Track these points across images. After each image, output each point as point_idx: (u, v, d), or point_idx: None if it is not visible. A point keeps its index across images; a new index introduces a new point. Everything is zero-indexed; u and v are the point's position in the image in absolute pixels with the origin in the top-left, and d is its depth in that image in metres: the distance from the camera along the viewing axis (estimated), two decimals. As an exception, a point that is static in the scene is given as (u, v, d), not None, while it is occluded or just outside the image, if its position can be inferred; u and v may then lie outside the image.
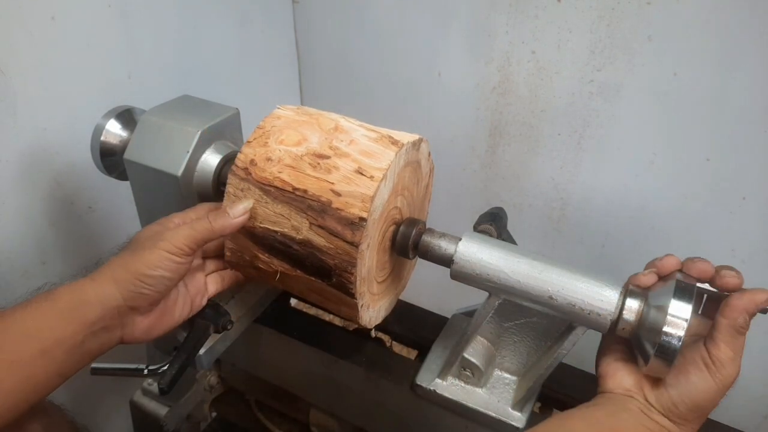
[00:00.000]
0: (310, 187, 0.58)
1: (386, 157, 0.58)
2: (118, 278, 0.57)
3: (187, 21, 1.08)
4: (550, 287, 0.58)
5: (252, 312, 0.83)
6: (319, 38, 1.38)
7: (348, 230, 0.57)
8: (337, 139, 0.61)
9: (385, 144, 0.60)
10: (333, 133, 0.62)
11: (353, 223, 0.56)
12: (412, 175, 0.66)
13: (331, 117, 0.64)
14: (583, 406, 0.58)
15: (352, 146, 0.60)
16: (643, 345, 0.55)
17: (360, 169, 0.58)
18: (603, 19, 1.02)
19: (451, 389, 0.73)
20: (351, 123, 0.64)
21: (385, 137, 0.61)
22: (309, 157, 0.60)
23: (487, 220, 0.73)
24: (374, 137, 0.61)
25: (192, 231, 0.59)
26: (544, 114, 1.17)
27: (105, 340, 0.57)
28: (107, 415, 1.17)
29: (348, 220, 0.57)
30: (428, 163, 0.70)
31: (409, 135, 0.63)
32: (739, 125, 0.99)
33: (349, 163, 0.58)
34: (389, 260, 0.68)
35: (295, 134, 0.62)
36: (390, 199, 0.61)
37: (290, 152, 0.60)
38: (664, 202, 1.13)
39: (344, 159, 0.59)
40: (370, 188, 0.56)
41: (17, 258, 0.92)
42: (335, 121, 0.63)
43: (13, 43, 0.81)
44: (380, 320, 0.70)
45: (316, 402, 0.94)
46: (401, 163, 0.61)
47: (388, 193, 0.60)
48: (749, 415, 1.25)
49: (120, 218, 1.05)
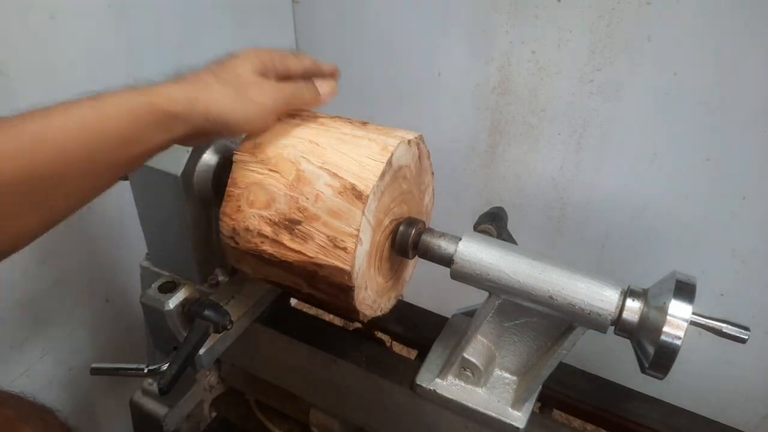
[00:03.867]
0: (293, 260, 0.60)
1: (354, 218, 0.57)
2: (211, 113, 0.53)
3: (187, 21, 1.08)
4: (550, 287, 0.58)
5: (252, 312, 0.83)
6: (319, 38, 1.38)
7: (341, 294, 0.60)
8: (302, 197, 0.59)
9: (350, 200, 0.57)
10: (297, 187, 0.59)
11: (342, 289, 0.59)
12: (396, 182, 0.64)
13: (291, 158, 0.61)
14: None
15: (319, 204, 0.58)
16: (643, 345, 0.55)
17: (333, 238, 0.58)
18: (603, 19, 1.02)
19: (451, 389, 0.73)
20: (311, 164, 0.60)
21: (348, 189, 0.58)
22: (282, 223, 0.60)
23: (487, 220, 0.73)
24: (338, 188, 0.58)
25: (285, 93, 0.59)
26: (544, 114, 1.17)
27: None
28: (107, 415, 1.17)
29: (337, 286, 0.60)
30: (411, 155, 0.65)
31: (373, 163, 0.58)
32: (739, 125, 0.99)
33: (320, 227, 0.58)
34: (391, 264, 0.69)
35: (263, 193, 0.60)
36: (375, 236, 0.62)
37: (264, 217, 0.60)
38: (664, 202, 1.13)
39: (315, 222, 0.58)
40: (347, 261, 0.57)
41: (17, 258, 0.92)
42: (295, 165, 0.60)
43: (13, 43, 0.81)
44: (386, 311, 0.72)
45: (316, 402, 0.94)
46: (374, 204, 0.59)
47: (369, 241, 0.60)
48: (749, 415, 1.26)
49: (120, 218, 1.05)
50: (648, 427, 0.76)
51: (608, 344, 0.78)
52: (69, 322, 1.05)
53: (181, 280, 0.74)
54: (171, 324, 0.72)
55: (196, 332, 0.68)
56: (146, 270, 0.82)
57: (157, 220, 0.75)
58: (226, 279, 0.81)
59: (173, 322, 0.72)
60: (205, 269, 0.79)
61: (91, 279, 1.06)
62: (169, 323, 0.72)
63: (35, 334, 0.99)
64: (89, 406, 1.14)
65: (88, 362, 1.10)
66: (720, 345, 0.65)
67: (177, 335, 0.71)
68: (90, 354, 1.10)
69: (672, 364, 0.53)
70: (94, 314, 1.09)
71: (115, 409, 1.16)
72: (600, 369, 0.84)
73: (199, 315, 0.68)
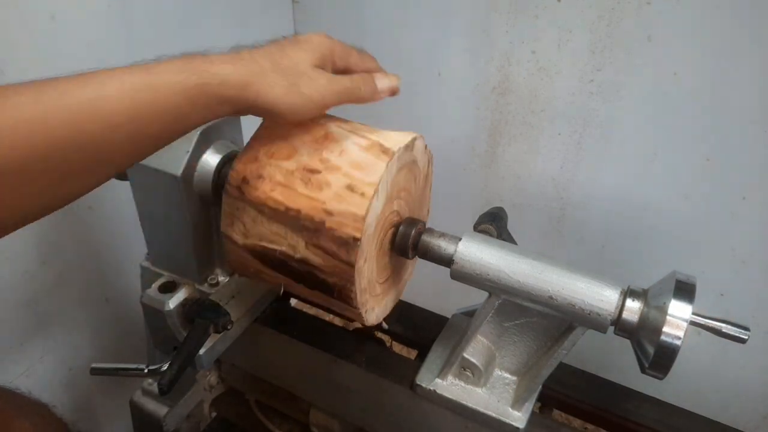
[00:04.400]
0: (303, 206, 0.57)
1: (377, 170, 0.57)
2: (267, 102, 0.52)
3: (187, 21, 1.08)
4: (550, 287, 0.58)
5: (252, 312, 0.83)
6: (319, 38, 1.38)
7: (343, 250, 0.56)
8: (327, 150, 0.59)
9: (375, 153, 0.58)
10: (323, 143, 0.60)
11: (347, 243, 0.56)
12: (409, 174, 0.66)
13: (321, 123, 0.63)
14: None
15: (343, 157, 0.59)
16: (643, 345, 0.55)
17: (351, 186, 0.56)
18: (603, 19, 1.02)
19: (451, 389, 0.73)
20: (342, 129, 0.62)
21: (376, 145, 0.59)
22: (300, 172, 0.58)
23: (487, 220, 0.73)
24: (365, 145, 0.59)
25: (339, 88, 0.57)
26: (544, 114, 1.17)
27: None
28: (107, 415, 1.17)
29: (342, 240, 0.56)
30: (425, 156, 0.69)
31: (401, 136, 0.61)
32: (739, 125, 0.99)
33: (340, 178, 0.57)
34: (390, 261, 0.68)
35: (286, 146, 0.60)
36: (385, 208, 0.61)
37: (281, 167, 0.59)
38: (664, 202, 1.13)
39: (335, 173, 0.58)
40: (362, 207, 0.55)
41: (17, 258, 0.92)
42: (325, 128, 0.62)
43: (13, 43, 0.81)
44: (386, 313, 0.70)
45: (316, 402, 0.94)
46: (394, 170, 0.60)
47: (382, 206, 0.59)
48: (749, 415, 1.26)
49: (120, 218, 1.05)
50: (648, 427, 0.76)
51: (608, 344, 0.78)
52: (69, 322, 1.05)
53: (181, 280, 0.74)
54: (171, 324, 0.72)
55: (196, 332, 0.68)
56: (146, 270, 0.82)
57: (157, 221, 0.75)
58: (226, 279, 0.81)
59: (173, 322, 0.72)
60: (205, 269, 0.79)
61: (91, 279, 1.06)
62: (169, 323, 0.72)
63: (35, 334, 0.99)
64: (89, 406, 1.14)
65: (88, 362, 1.10)
66: (720, 345, 0.65)
67: (177, 335, 0.71)
68: (90, 354, 1.10)
69: (672, 364, 0.53)
70: (94, 314, 1.09)
71: (115, 409, 1.16)
72: (600, 369, 0.84)
73: (199, 315, 0.68)
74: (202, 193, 0.71)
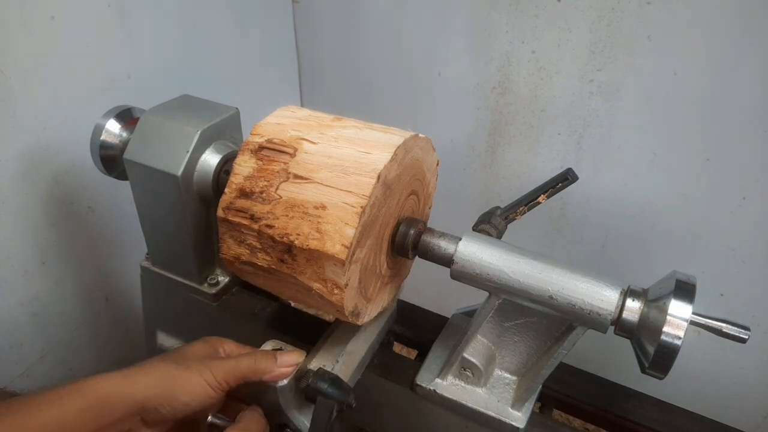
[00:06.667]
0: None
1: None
2: (149, 385, 0.54)
3: (186, 21, 1.08)
4: (550, 287, 0.58)
5: (358, 371, 0.76)
6: (319, 38, 1.38)
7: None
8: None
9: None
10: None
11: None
12: (418, 170, 0.67)
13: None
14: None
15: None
16: (643, 345, 0.55)
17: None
18: (603, 18, 1.02)
19: (451, 389, 0.73)
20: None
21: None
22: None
23: (487, 220, 0.73)
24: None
25: (236, 366, 0.58)
26: (544, 114, 1.17)
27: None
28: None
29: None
30: (435, 162, 0.70)
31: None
32: (739, 125, 0.99)
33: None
34: (389, 261, 0.68)
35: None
36: (389, 203, 0.61)
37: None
38: (664, 202, 1.13)
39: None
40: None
41: (17, 258, 0.92)
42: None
43: (13, 43, 0.81)
44: (374, 312, 0.71)
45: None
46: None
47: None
48: (749, 415, 1.26)
49: (120, 218, 1.05)
50: (648, 427, 0.76)
51: (608, 344, 0.78)
52: (69, 322, 1.05)
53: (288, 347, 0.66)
54: (282, 402, 0.63)
55: (321, 415, 0.59)
56: (146, 270, 0.82)
57: (157, 220, 0.75)
58: (226, 279, 0.81)
59: (285, 400, 0.63)
60: (205, 269, 0.79)
61: (91, 279, 1.06)
62: (281, 401, 0.62)
63: (35, 334, 0.99)
64: (89, 406, 1.14)
65: (88, 362, 1.10)
66: (720, 345, 0.65)
67: (288, 413, 0.63)
68: (90, 354, 1.10)
69: (672, 364, 0.53)
70: (94, 314, 1.09)
71: (115, 409, 1.16)
72: (600, 369, 0.84)
73: (320, 392, 0.60)
74: (202, 193, 0.71)
